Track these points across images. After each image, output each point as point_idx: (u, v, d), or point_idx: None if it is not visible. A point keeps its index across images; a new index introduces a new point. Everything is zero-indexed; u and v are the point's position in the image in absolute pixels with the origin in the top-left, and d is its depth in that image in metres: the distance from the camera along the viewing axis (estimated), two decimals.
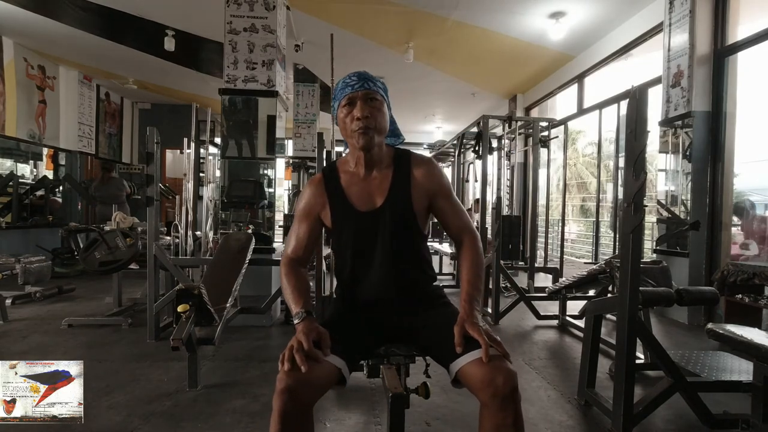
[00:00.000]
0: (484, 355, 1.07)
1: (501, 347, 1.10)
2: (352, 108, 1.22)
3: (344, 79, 1.25)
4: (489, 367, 1.07)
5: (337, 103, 1.26)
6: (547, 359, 2.86)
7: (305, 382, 1.07)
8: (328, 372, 1.11)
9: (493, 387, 1.06)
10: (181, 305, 2.08)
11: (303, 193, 1.35)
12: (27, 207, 6.30)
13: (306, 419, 1.10)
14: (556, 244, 7.11)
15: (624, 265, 1.69)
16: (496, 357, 1.10)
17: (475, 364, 1.10)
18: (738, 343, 1.63)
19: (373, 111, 1.23)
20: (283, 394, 1.06)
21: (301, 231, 1.33)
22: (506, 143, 5.03)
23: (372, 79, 1.25)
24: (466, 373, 1.12)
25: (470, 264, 1.27)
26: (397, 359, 1.34)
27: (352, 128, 1.22)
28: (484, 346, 1.08)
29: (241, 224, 3.66)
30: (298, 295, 1.24)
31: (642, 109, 1.64)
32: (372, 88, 1.23)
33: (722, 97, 3.76)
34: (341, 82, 1.26)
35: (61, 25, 5.34)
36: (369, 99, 1.23)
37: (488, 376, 1.07)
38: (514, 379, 1.07)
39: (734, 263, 3.25)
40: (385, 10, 4.78)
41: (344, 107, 1.24)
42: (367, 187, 1.28)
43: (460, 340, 1.12)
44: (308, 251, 1.35)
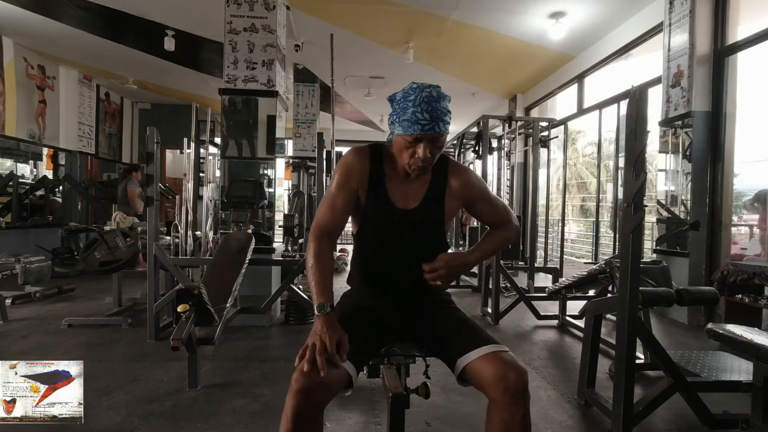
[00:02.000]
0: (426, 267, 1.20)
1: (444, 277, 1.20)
2: (415, 146, 1.17)
3: (415, 109, 1.13)
4: (501, 363, 1.09)
5: (401, 131, 1.17)
6: (547, 359, 2.86)
7: (321, 384, 1.06)
8: (342, 376, 1.11)
9: (505, 383, 1.07)
10: (181, 305, 2.08)
11: (344, 161, 1.28)
12: (27, 207, 6.31)
13: (318, 420, 1.10)
14: (556, 244, 7.11)
15: (624, 265, 1.69)
16: (506, 353, 1.12)
17: (486, 360, 1.11)
18: (738, 343, 1.63)
19: (435, 151, 1.19)
20: (298, 394, 1.04)
21: (338, 201, 1.26)
22: (506, 143, 5.03)
23: (443, 118, 1.16)
24: (475, 369, 1.13)
25: (497, 234, 1.36)
26: (397, 359, 1.34)
27: (410, 162, 1.20)
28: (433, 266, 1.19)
29: (241, 224, 3.66)
30: (324, 283, 1.17)
31: (642, 109, 1.64)
32: (441, 130, 1.15)
33: (722, 97, 3.76)
34: (411, 108, 1.14)
35: (61, 25, 5.34)
36: (435, 141, 1.18)
37: (500, 372, 1.08)
38: (525, 376, 1.10)
39: (734, 263, 3.25)
40: (385, 10, 4.78)
41: (409, 140, 1.17)
42: (405, 187, 1.28)
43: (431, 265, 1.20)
44: (342, 225, 1.28)
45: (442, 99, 1.16)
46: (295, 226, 5.11)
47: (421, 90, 1.15)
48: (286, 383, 2.38)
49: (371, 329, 1.24)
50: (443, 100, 1.17)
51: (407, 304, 1.30)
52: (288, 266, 3.57)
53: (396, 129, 1.19)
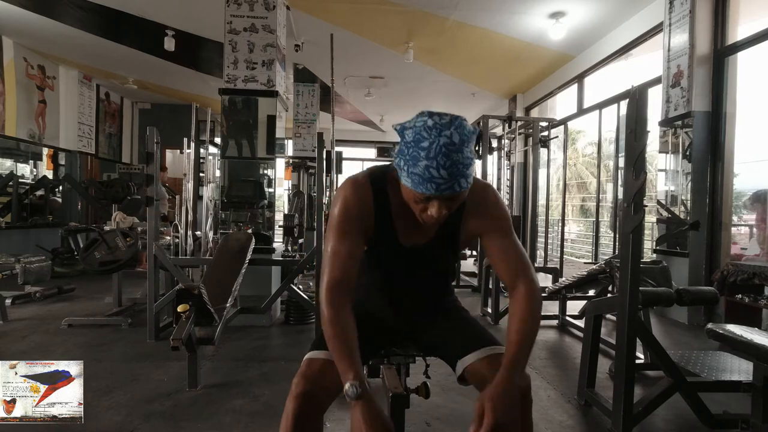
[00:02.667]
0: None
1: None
2: (427, 203, 0.95)
3: (428, 161, 0.88)
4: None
5: (409, 184, 0.93)
6: (547, 359, 2.86)
7: (322, 388, 1.04)
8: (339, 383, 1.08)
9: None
10: (181, 305, 2.08)
11: (345, 201, 1.06)
12: (27, 207, 6.30)
13: (318, 423, 1.08)
14: (556, 244, 7.11)
15: (624, 265, 1.69)
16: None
17: (487, 361, 1.07)
18: (738, 343, 1.63)
19: (452, 207, 0.97)
20: (299, 398, 1.02)
21: (343, 249, 1.04)
22: (506, 143, 5.04)
23: (464, 172, 0.90)
24: (475, 370, 1.09)
25: (523, 318, 1.04)
26: (397, 359, 1.34)
27: (422, 216, 0.99)
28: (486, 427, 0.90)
29: (241, 224, 3.66)
30: (351, 355, 0.97)
31: (642, 109, 1.64)
32: (463, 188, 0.93)
33: (722, 97, 3.76)
34: (424, 160, 0.88)
35: (61, 25, 5.34)
36: (451, 200, 0.95)
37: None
38: (528, 380, 1.03)
39: (734, 263, 3.25)
40: (385, 10, 4.78)
41: (421, 197, 0.94)
42: (415, 221, 1.04)
43: (478, 419, 0.92)
44: (354, 271, 1.06)
45: (465, 144, 0.90)
46: (295, 226, 5.10)
47: (438, 134, 0.88)
48: (286, 383, 2.38)
49: (373, 331, 1.22)
50: (467, 144, 0.90)
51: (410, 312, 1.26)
52: (288, 266, 3.57)
53: (403, 178, 0.94)
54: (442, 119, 0.90)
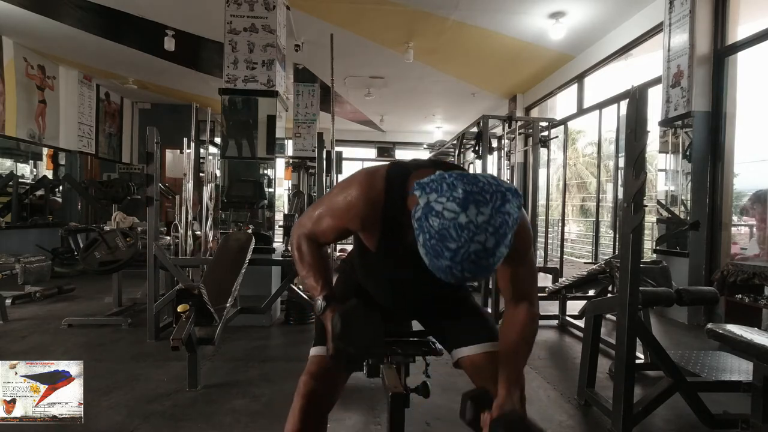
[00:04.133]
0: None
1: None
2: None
3: (452, 263, 0.75)
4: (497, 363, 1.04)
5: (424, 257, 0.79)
6: (547, 359, 2.86)
7: (329, 386, 1.09)
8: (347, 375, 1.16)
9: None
10: (181, 305, 2.08)
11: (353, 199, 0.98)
12: (27, 207, 6.30)
13: (324, 421, 1.12)
14: (556, 244, 7.10)
15: (624, 265, 1.69)
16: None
17: (482, 358, 1.09)
18: (738, 343, 1.63)
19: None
20: (307, 396, 1.06)
21: (330, 227, 1.03)
22: (506, 143, 5.03)
23: (492, 269, 0.78)
24: (472, 364, 1.12)
25: (524, 340, 1.02)
26: (397, 359, 1.34)
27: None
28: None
29: (241, 224, 3.66)
30: (318, 273, 1.03)
31: (642, 109, 1.64)
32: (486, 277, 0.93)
33: (722, 97, 3.76)
34: (447, 262, 0.75)
35: (61, 25, 5.33)
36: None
37: (496, 371, 1.04)
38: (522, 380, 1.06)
39: (734, 263, 3.25)
40: (385, 10, 4.78)
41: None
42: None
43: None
44: (327, 245, 1.13)
45: (501, 244, 0.74)
46: None
47: (470, 239, 0.72)
48: (286, 383, 2.39)
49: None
50: (503, 243, 0.74)
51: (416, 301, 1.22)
52: (288, 266, 3.57)
53: (420, 251, 0.80)
54: (479, 215, 0.72)
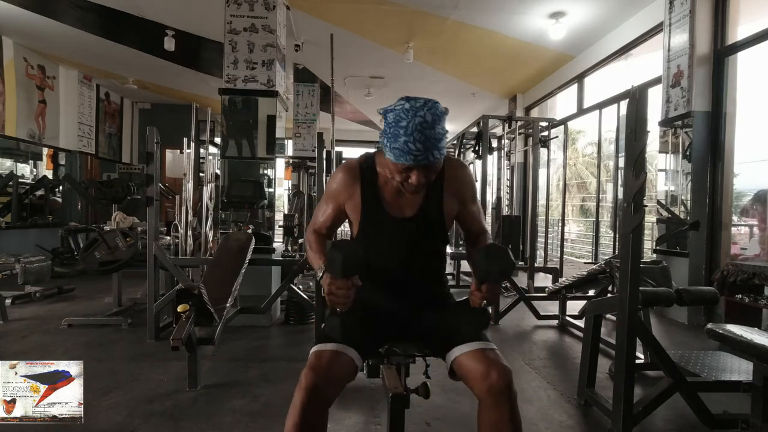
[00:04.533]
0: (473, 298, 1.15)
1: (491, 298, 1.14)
2: (408, 173, 1.13)
3: (407, 138, 1.06)
4: (485, 360, 1.11)
5: (392, 157, 1.12)
6: (547, 359, 2.86)
7: (330, 380, 1.10)
8: (349, 367, 1.15)
9: (489, 381, 1.09)
10: (181, 305, 2.08)
11: (335, 176, 1.31)
12: (27, 207, 6.30)
13: (324, 415, 1.13)
14: (556, 244, 7.10)
15: (624, 265, 1.69)
16: (491, 351, 1.14)
17: (471, 356, 1.14)
18: (738, 343, 1.63)
19: (430, 176, 1.15)
20: (308, 390, 1.07)
21: (327, 213, 1.33)
22: (506, 143, 5.03)
23: (438, 146, 1.09)
24: (461, 364, 1.16)
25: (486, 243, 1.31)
26: (397, 359, 1.34)
27: (404, 186, 1.17)
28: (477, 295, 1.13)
29: (241, 224, 3.66)
30: (320, 252, 1.28)
31: (642, 109, 1.64)
32: (436, 158, 1.10)
33: (722, 97, 3.76)
34: (404, 136, 1.06)
35: (61, 25, 5.33)
36: (428, 169, 1.13)
37: (483, 369, 1.10)
38: (509, 375, 1.10)
39: (734, 263, 3.25)
40: (385, 10, 4.78)
41: (402, 168, 1.12)
42: (402, 195, 1.24)
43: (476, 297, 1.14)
44: (332, 229, 1.37)
45: (437, 122, 1.08)
46: (295, 226, 5.09)
47: (414, 114, 1.06)
48: (286, 383, 2.39)
49: (372, 318, 1.25)
50: (439, 122, 1.08)
51: (407, 297, 1.31)
52: (288, 266, 3.57)
53: (387, 153, 1.13)
54: (417, 102, 1.09)
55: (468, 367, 1.13)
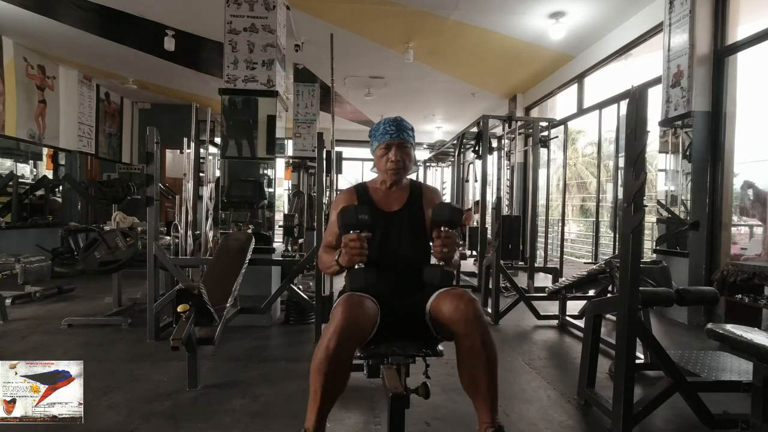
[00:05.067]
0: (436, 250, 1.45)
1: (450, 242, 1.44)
2: (388, 152, 1.58)
3: (385, 125, 1.59)
4: (452, 296, 1.37)
5: (377, 143, 1.60)
6: (547, 359, 2.86)
7: (362, 313, 1.31)
8: (372, 310, 1.38)
9: (459, 313, 1.32)
10: (181, 305, 2.08)
11: (336, 200, 1.71)
12: (27, 207, 6.30)
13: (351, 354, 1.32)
14: (556, 244, 7.11)
15: (624, 265, 1.69)
16: (457, 289, 1.42)
17: (440, 297, 1.41)
18: (738, 343, 1.63)
19: (404, 156, 1.58)
20: (344, 318, 1.28)
21: (332, 230, 1.64)
22: (506, 143, 5.03)
23: (406, 130, 1.60)
24: (436, 308, 1.41)
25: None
26: (397, 359, 1.34)
27: (387, 167, 1.59)
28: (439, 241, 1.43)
29: (241, 224, 3.65)
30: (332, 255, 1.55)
31: (642, 109, 1.64)
32: (406, 138, 1.58)
33: (722, 97, 3.76)
34: (382, 126, 1.59)
35: (61, 25, 5.33)
36: (402, 147, 1.58)
37: (453, 304, 1.35)
38: (476, 303, 1.36)
39: (734, 263, 3.25)
40: (385, 10, 4.78)
41: (382, 149, 1.59)
42: (390, 196, 1.65)
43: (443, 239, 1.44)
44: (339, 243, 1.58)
45: (404, 121, 1.61)
46: (295, 226, 5.10)
47: (388, 117, 1.62)
48: (286, 383, 2.40)
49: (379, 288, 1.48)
50: (406, 122, 1.62)
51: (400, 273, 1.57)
52: (288, 266, 3.57)
53: (374, 145, 1.62)
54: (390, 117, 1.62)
55: (441, 308, 1.38)
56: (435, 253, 1.46)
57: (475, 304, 1.35)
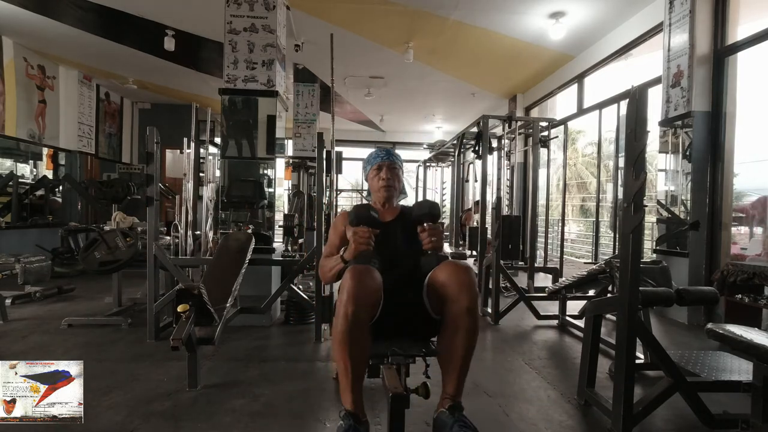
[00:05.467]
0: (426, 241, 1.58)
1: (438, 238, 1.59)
2: (380, 172, 1.83)
3: (377, 152, 1.88)
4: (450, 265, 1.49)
5: (370, 166, 1.87)
6: (547, 359, 2.85)
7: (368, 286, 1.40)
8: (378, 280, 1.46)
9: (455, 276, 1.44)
10: (181, 305, 2.08)
11: (338, 219, 1.90)
12: (27, 207, 6.30)
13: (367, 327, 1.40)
14: (556, 244, 7.11)
15: (624, 265, 1.69)
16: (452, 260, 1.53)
17: (441, 266, 1.53)
18: (738, 343, 1.62)
19: (393, 175, 1.83)
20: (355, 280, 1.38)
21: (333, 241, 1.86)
22: (506, 143, 5.03)
23: (395, 155, 1.89)
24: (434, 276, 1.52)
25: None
26: (397, 359, 1.34)
27: (379, 185, 1.83)
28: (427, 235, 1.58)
29: (241, 224, 3.65)
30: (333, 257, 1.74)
31: (642, 109, 1.64)
32: (394, 161, 1.85)
33: (722, 97, 3.76)
34: (374, 153, 1.89)
35: (61, 24, 5.34)
36: (391, 167, 1.84)
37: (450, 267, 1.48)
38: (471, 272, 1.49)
39: (734, 263, 3.25)
40: (385, 10, 4.78)
41: (374, 170, 1.85)
42: (384, 214, 1.84)
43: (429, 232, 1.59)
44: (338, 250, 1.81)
45: (393, 151, 1.91)
46: (295, 226, 5.09)
47: (379, 147, 1.93)
48: (286, 383, 2.39)
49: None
50: (394, 152, 1.91)
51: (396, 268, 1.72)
52: (288, 266, 3.57)
53: (366, 169, 1.91)
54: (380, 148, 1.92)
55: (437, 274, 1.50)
56: (425, 245, 1.58)
57: (471, 273, 1.48)
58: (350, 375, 1.38)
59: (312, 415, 1.98)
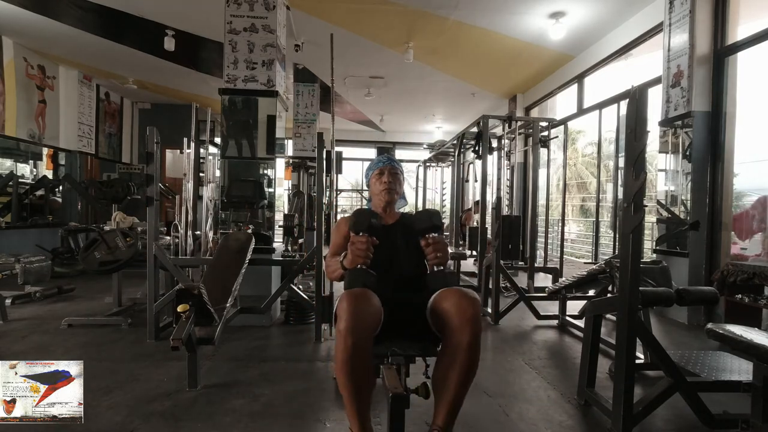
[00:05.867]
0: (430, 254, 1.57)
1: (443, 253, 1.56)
2: (381, 176, 1.86)
3: (379, 158, 1.94)
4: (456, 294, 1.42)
5: (371, 172, 1.91)
6: (547, 359, 2.85)
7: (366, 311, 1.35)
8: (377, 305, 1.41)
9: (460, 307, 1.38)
10: (181, 305, 2.08)
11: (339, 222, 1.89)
12: (27, 207, 6.30)
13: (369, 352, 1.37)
14: (556, 244, 7.11)
15: (624, 265, 1.69)
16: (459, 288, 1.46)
17: (447, 291, 1.46)
18: (738, 343, 1.62)
19: (394, 179, 1.87)
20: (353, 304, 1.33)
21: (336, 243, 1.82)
22: (506, 143, 5.03)
23: (395, 161, 1.93)
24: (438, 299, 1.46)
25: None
26: (397, 359, 1.34)
27: (380, 188, 1.85)
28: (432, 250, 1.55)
29: (241, 224, 3.65)
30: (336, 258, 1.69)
31: (642, 109, 1.64)
32: (395, 165, 1.90)
33: (722, 97, 3.76)
34: (376, 159, 1.93)
35: (61, 25, 5.34)
36: (393, 171, 1.87)
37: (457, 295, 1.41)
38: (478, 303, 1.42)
39: (734, 263, 3.25)
40: (385, 10, 4.78)
41: (376, 174, 1.88)
42: (385, 216, 1.86)
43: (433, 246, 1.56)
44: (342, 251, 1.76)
45: (393, 158, 1.94)
46: (295, 226, 5.09)
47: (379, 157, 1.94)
48: (286, 383, 2.39)
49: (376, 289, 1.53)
50: (394, 159, 1.94)
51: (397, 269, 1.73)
52: (288, 266, 3.57)
53: (368, 175, 1.94)
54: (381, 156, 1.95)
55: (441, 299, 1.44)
56: (430, 261, 1.56)
57: (477, 305, 1.40)
58: (355, 402, 1.36)
59: (312, 415, 1.98)
